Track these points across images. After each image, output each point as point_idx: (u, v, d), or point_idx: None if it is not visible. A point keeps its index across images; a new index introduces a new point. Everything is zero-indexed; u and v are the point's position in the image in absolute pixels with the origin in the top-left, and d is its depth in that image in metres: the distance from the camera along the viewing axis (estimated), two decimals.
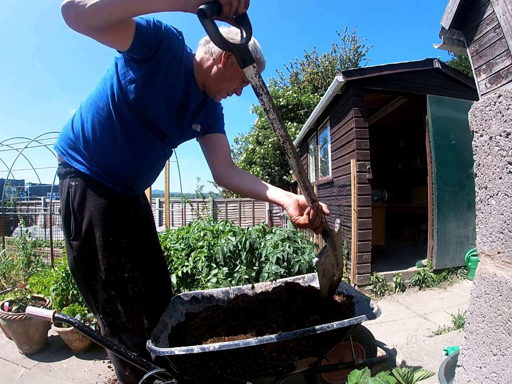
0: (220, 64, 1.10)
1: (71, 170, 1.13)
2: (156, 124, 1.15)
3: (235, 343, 0.99)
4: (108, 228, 1.11)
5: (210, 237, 2.55)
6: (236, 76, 1.12)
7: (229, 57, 1.08)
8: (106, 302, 1.12)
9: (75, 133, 1.14)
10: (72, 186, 1.12)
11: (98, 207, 1.11)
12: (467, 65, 10.70)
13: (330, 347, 1.14)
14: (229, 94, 1.20)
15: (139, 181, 1.24)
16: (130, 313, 1.14)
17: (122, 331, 1.14)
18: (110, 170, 1.14)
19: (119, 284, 1.12)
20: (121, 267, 1.13)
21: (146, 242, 1.36)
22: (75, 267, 1.13)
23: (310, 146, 5.99)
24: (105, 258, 1.10)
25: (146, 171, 1.24)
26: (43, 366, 1.87)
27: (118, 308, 1.12)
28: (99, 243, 1.10)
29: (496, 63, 2.20)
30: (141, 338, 1.14)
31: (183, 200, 7.74)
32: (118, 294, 1.12)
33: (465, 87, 3.64)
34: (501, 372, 0.80)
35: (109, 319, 1.13)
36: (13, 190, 9.73)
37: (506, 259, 0.82)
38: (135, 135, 1.13)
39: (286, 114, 10.15)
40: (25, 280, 2.92)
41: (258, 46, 1.13)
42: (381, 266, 3.63)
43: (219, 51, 1.08)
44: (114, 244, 1.12)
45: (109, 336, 1.15)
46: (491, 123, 0.86)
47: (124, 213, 1.21)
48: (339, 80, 3.40)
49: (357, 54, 12.39)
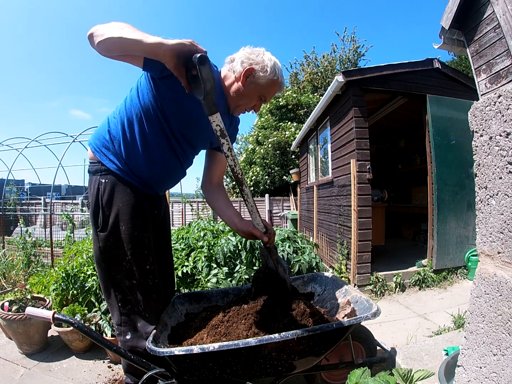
0: (240, 82, 1.19)
1: (102, 168, 1.22)
2: (186, 134, 1.24)
3: (234, 343, 0.99)
4: (133, 223, 1.20)
5: (210, 237, 2.55)
6: (253, 94, 1.22)
7: (248, 77, 1.18)
8: (128, 290, 1.20)
9: (111, 134, 1.22)
10: (102, 183, 1.21)
11: (125, 203, 1.20)
12: (467, 65, 10.71)
13: (330, 347, 1.14)
14: (247, 110, 1.30)
15: (162, 185, 1.33)
16: (149, 303, 1.21)
17: (138, 319, 1.21)
18: (138, 172, 1.23)
19: (141, 275, 1.20)
20: (143, 259, 1.22)
21: (161, 239, 1.42)
22: (100, 256, 1.22)
23: (310, 146, 5.98)
24: (129, 250, 1.19)
25: (169, 177, 1.34)
26: (43, 366, 1.87)
27: (138, 297, 1.20)
28: (125, 236, 1.19)
29: (496, 63, 2.20)
30: (152, 326, 1.20)
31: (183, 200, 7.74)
32: (140, 283, 1.20)
33: (465, 87, 3.64)
34: (501, 372, 0.80)
35: (128, 306, 1.21)
36: (13, 190, 9.72)
37: (506, 259, 0.82)
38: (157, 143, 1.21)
39: (285, 114, 10.14)
40: (25, 280, 2.92)
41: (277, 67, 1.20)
42: (381, 266, 3.63)
43: (240, 70, 1.18)
44: (138, 238, 1.21)
45: (123, 325, 1.21)
46: (491, 123, 0.86)
47: (148, 210, 1.28)
48: (339, 80, 3.40)
49: (357, 54, 12.39)
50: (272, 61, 1.19)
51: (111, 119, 1.24)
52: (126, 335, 1.20)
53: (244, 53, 1.21)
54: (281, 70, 1.24)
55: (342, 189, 3.80)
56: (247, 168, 10.48)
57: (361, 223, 3.36)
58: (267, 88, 1.23)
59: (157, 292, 1.25)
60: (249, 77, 1.19)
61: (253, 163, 10.29)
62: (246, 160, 10.61)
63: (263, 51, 1.22)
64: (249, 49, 1.22)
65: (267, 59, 1.19)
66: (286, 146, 9.26)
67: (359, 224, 3.35)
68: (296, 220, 7.24)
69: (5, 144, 7.15)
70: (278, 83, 1.23)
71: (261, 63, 1.18)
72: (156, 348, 1.01)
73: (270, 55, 1.22)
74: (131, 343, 1.19)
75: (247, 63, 1.18)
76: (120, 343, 1.22)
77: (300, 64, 12.88)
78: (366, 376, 0.88)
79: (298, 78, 12.82)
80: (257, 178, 9.81)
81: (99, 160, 1.22)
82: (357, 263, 3.34)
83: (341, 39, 12.46)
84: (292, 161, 9.42)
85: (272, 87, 1.23)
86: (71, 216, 5.01)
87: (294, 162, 9.29)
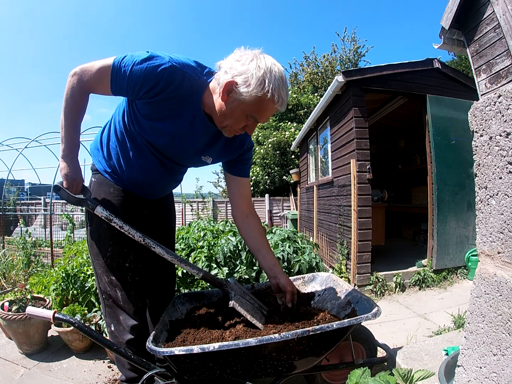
0: (221, 99, 0.98)
1: (94, 168, 1.30)
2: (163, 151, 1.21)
3: (235, 343, 0.99)
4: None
5: (210, 237, 2.55)
6: (238, 114, 0.99)
7: (230, 92, 0.95)
8: (108, 285, 1.25)
9: (102, 139, 1.28)
10: (92, 181, 1.30)
11: (107, 202, 1.24)
12: (467, 65, 10.70)
13: (330, 347, 1.14)
14: (239, 132, 1.08)
15: (143, 191, 1.32)
16: (127, 299, 1.25)
17: (120, 312, 1.26)
18: (120, 174, 1.25)
19: (119, 271, 1.24)
20: (123, 256, 1.25)
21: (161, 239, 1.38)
22: (89, 249, 1.30)
23: (310, 146, 5.98)
24: (109, 246, 1.24)
25: (153, 186, 1.32)
26: (43, 366, 1.87)
27: (117, 292, 1.24)
28: (105, 233, 1.24)
29: (496, 63, 2.20)
30: (134, 321, 1.25)
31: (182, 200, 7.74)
32: (118, 280, 1.24)
33: (465, 87, 3.64)
34: (501, 372, 0.80)
35: (110, 300, 1.26)
36: (13, 190, 9.72)
37: (506, 259, 0.82)
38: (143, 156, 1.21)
39: (285, 114, 10.14)
40: (25, 280, 2.92)
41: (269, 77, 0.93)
42: (381, 266, 3.63)
43: (222, 83, 0.95)
44: (118, 236, 1.22)
45: (108, 317, 1.27)
46: (491, 123, 0.86)
47: (133, 210, 1.29)
48: (339, 80, 3.40)
49: (357, 54, 12.39)
50: (261, 71, 0.92)
51: (105, 126, 1.30)
52: (110, 326, 1.27)
53: (231, 59, 0.97)
54: (278, 81, 0.94)
55: (342, 189, 3.80)
56: None
57: (361, 223, 3.36)
58: (254, 107, 0.96)
59: (136, 290, 1.27)
60: (231, 93, 0.95)
61: (253, 163, 10.28)
62: None
63: (255, 55, 0.95)
64: (239, 52, 0.97)
65: (254, 68, 0.92)
66: (286, 146, 9.26)
67: (359, 224, 3.35)
68: (296, 220, 7.24)
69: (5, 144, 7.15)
70: (267, 100, 0.94)
71: (244, 73, 0.92)
72: (157, 348, 1.01)
73: (263, 61, 0.94)
74: (115, 334, 1.26)
75: (230, 74, 0.94)
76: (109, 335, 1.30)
77: (300, 64, 12.88)
78: (366, 376, 0.88)
79: (298, 78, 12.81)
80: (257, 178, 9.81)
81: (92, 161, 1.32)
82: (357, 263, 3.34)
83: (341, 39, 12.48)
84: (292, 161, 9.42)
85: (261, 104, 0.96)
86: (71, 216, 5.01)
87: (294, 162, 9.29)
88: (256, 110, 0.98)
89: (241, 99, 0.95)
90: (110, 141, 1.24)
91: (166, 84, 0.96)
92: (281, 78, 0.96)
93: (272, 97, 0.94)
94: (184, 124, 1.09)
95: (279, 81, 0.95)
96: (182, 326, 1.27)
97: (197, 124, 1.09)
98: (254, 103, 0.95)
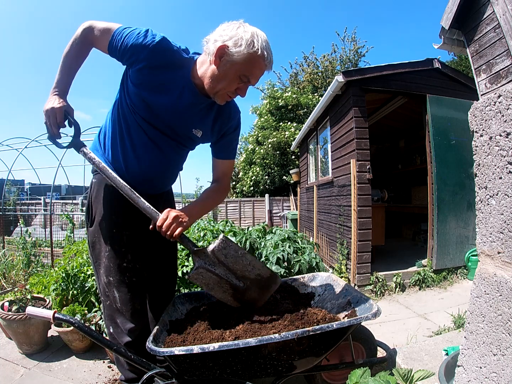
0: (213, 64, 1.07)
1: (94, 168, 1.29)
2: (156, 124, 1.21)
3: (235, 343, 0.99)
4: (113, 221, 1.25)
5: (210, 237, 2.55)
6: (231, 75, 1.07)
7: (222, 56, 1.04)
8: (106, 286, 1.24)
9: (100, 137, 1.30)
10: (92, 182, 1.30)
11: (107, 201, 1.25)
12: (467, 65, 10.70)
13: (330, 347, 1.14)
14: (231, 96, 1.15)
15: (144, 182, 1.30)
16: (124, 300, 1.24)
17: (117, 315, 1.25)
18: (120, 170, 1.24)
19: (117, 272, 1.23)
20: (120, 256, 1.24)
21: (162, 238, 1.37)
22: (89, 250, 1.30)
23: (310, 146, 5.98)
24: (107, 246, 1.24)
25: (150, 174, 1.30)
26: (43, 366, 1.87)
27: (114, 293, 1.23)
28: (104, 233, 1.25)
29: (496, 63, 2.20)
30: (132, 324, 1.23)
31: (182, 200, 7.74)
32: (116, 280, 1.23)
33: (465, 87, 3.64)
34: (501, 372, 0.80)
35: (107, 302, 1.26)
36: (13, 190, 9.72)
37: (506, 259, 0.82)
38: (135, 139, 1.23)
39: (285, 114, 10.14)
40: (25, 280, 2.92)
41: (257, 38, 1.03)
42: (381, 266, 3.63)
43: (213, 50, 1.04)
44: (116, 235, 1.24)
45: (107, 318, 1.27)
46: (491, 123, 0.86)
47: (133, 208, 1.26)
48: (339, 80, 3.40)
49: (358, 54, 12.37)
50: (248, 33, 1.01)
51: (102, 125, 1.32)
52: (109, 328, 1.27)
53: (218, 30, 1.06)
54: (265, 42, 1.04)
55: (342, 189, 3.80)
56: (247, 168, 10.48)
57: (361, 223, 3.36)
58: (246, 65, 1.04)
59: (134, 291, 1.26)
60: (224, 56, 1.03)
61: (253, 163, 10.29)
62: (246, 160, 10.61)
63: (240, 24, 1.04)
64: (224, 25, 1.05)
65: (242, 31, 1.02)
66: (286, 146, 9.26)
67: (359, 224, 3.35)
68: (296, 220, 7.24)
69: (5, 144, 7.15)
70: (258, 56, 1.03)
71: (234, 36, 1.01)
72: (157, 348, 1.01)
73: (250, 26, 1.04)
74: (113, 335, 1.25)
75: (220, 41, 1.03)
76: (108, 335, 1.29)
77: (300, 65, 12.87)
78: (366, 376, 0.88)
79: (298, 78, 12.80)
80: (257, 178, 9.81)
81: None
82: (357, 263, 3.34)
83: (341, 39, 12.46)
84: (292, 161, 9.42)
85: (252, 62, 1.04)
86: (71, 216, 5.01)
87: (294, 162, 9.29)
88: (248, 69, 1.06)
89: (234, 60, 1.03)
90: (106, 138, 1.27)
91: (159, 51, 1.07)
92: (266, 40, 1.06)
93: (262, 54, 1.03)
94: (174, 94, 1.16)
95: (265, 42, 1.05)
96: (182, 326, 1.27)
97: (186, 94, 1.16)
98: (246, 61, 1.04)
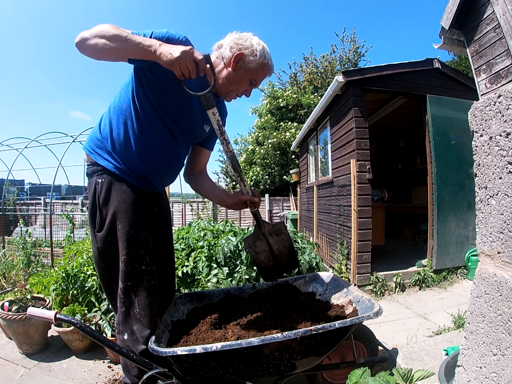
0: (230, 68, 1.21)
1: (98, 168, 1.23)
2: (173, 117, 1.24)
3: (237, 343, 0.99)
4: (130, 221, 1.19)
5: (210, 237, 2.55)
6: (244, 79, 1.24)
7: (238, 62, 1.20)
8: (122, 292, 1.18)
9: (103, 133, 1.24)
10: (98, 183, 1.22)
11: (122, 201, 1.20)
12: (467, 65, 10.70)
13: (332, 346, 1.14)
14: (239, 95, 1.30)
15: (159, 177, 1.31)
16: (143, 305, 1.19)
17: (134, 322, 1.19)
18: (134, 167, 1.22)
19: (136, 276, 1.19)
20: (139, 259, 1.20)
21: (162, 238, 1.42)
22: (98, 257, 1.23)
23: (310, 146, 5.98)
24: (125, 249, 1.17)
25: (165, 168, 1.31)
26: (43, 366, 1.87)
27: (132, 299, 1.18)
28: (120, 235, 1.18)
29: (496, 63, 2.20)
30: (148, 330, 1.18)
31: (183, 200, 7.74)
32: (134, 285, 1.18)
33: (465, 87, 3.64)
34: (501, 372, 0.80)
35: (123, 309, 1.19)
36: (13, 190, 9.72)
37: (506, 259, 0.82)
38: (154, 133, 1.22)
39: (285, 114, 10.13)
40: (25, 280, 2.92)
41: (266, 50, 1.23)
42: (381, 266, 3.63)
43: (229, 56, 1.20)
44: (135, 236, 1.19)
45: (121, 325, 1.20)
46: (491, 123, 0.87)
47: (147, 208, 1.27)
48: (339, 80, 3.40)
49: (357, 54, 12.36)
50: (260, 45, 1.22)
51: (103, 120, 1.27)
52: (124, 335, 1.20)
53: (232, 38, 1.23)
54: (269, 54, 1.26)
55: (342, 189, 3.80)
56: (247, 168, 10.46)
57: (361, 223, 3.36)
58: (258, 72, 1.25)
59: (153, 295, 1.22)
60: (239, 62, 1.21)
61: (253, 163, 10.29)
62: (246, 160, 10.61)
63: (251, 36, 1.24)
64: (236, 34, 1.24)
65: (256, 44, 1.21)
66: (286, 147, 9.25)
67: (359, 224, 3.35)
68: (296, 220, 7.24)
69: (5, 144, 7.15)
70: (268, 66, 1.25)
71: (250, 47, 1.20)
72: (159, 348, 1.01)
73: (258, 39, 1.24)
74: (127, 343, 1.19)
75: (236, 48, 1.20)
76: (119, 341, 1.22)
77: (299, 65, 12.86)
78: (366, 376, 0.88)
79: (298, 78, 12.80)
80: (257, 178, 9.80)
81: (94, 161, 1.23)
82: (357, 263, 3.34)
83: (340, 39, 12.45)
84: (292, 161, 9.41)
85: (262, 70, 1.26)
86: (71, 216, 5.01)
87: (294, 162, 9.28)
88: (259, 75, 1.26)
89: (248, 67, 1.21)
90: (113, 132, 1.22)
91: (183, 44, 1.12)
92: (268, 51, 1.27)
93: (270, 63, 1.26)
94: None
95: (269, 53, 1.27)
96: (184, 327, 1.27)
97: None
98: (257, 68, 1.23)
